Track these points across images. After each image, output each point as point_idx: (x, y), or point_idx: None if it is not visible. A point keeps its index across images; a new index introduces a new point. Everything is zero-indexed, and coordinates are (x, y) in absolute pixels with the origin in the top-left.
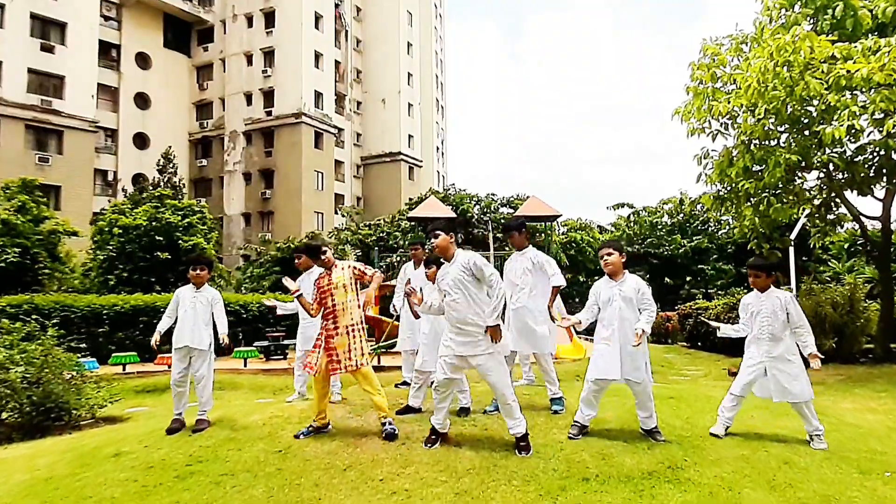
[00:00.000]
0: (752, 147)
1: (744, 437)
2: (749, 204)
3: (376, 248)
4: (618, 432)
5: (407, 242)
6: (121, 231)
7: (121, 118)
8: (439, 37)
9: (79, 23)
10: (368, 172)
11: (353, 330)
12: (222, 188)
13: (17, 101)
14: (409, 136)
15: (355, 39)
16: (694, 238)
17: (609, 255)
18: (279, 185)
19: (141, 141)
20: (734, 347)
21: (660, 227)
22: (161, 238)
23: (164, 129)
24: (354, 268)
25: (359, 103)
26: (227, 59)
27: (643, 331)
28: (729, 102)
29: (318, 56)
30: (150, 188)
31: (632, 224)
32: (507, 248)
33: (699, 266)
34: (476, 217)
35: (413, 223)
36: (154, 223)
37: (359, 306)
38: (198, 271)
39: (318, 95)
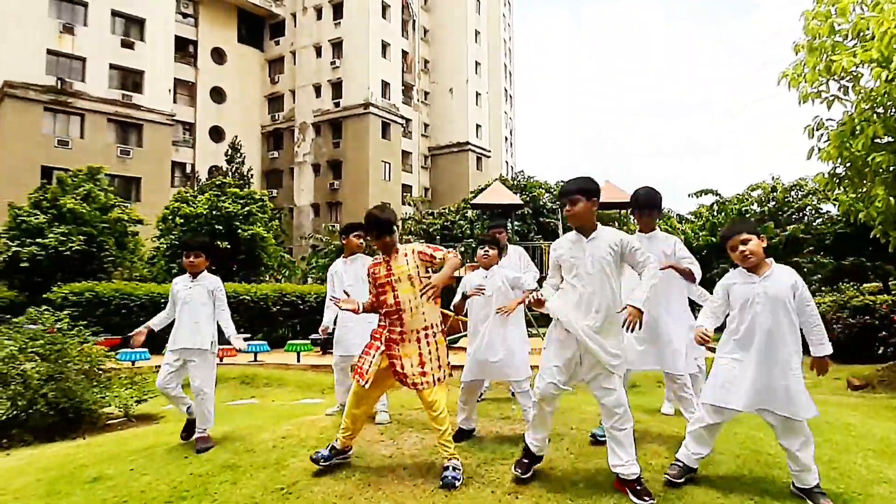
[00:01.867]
0: (886, 112)
1: None
2: (881, 181)
3: (438, 238)
4: (733, 481)
5: (474, 231)
6: (182, 220)
7: (198, 112)
8: (507, 25)
9: (156, 19)
10: (436, 163)
11: (427, 335)
12: (292, 179)
13: (100, 96)
14: (477, 126)
15: (423, 29)
16: (788, 227)
17: (745, 241)
18: (347, 175)
19: (217, 134)
20: (851, 352)
21: (748, 215)
22: (221, 227)
23: (238, 123)
24: (421, 252)
25: (426, 93)
26: (297, 51)
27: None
28: (855, 56)
29: (385, 46)
30: (220, 178)
31: (715, 213)
32: None
33: (794, 259)
34: (547, 206)
35: (478, 211)
36: (214, 212)
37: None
38: (192, 258)
39: (385, 86)
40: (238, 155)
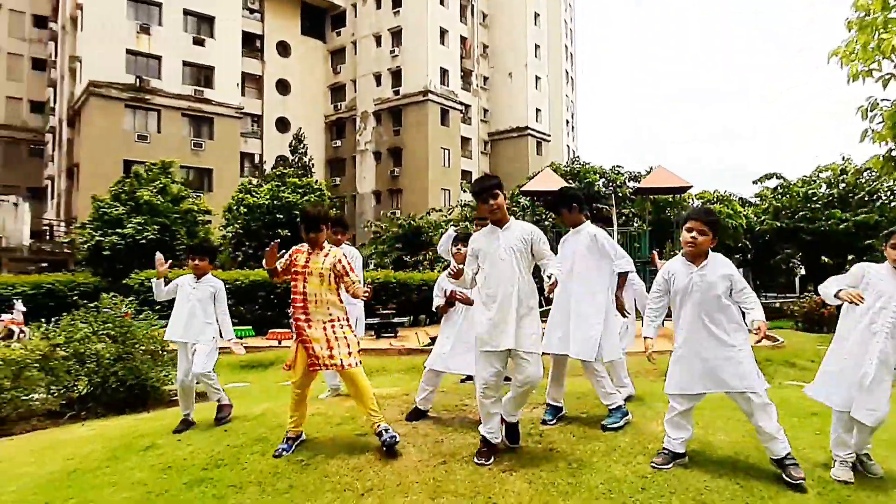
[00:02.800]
0: None
1: None
2: None
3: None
4: (726, 466)
5: (525, 219)
6: (246, 210)
7: (264, 104)
8: (569, 5)
9: (225, 16)
10: (496, 148)
11: (331, 325)
12: (355, 167)
13: (175, 92)
14: (537, 110)
15: (481, 14)
16: (859, 211)
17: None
18: (407, 163)
19: (282, 125)
20: None
21: (815, 198)
22: (281, 216)
23: (302, 113)
24: (340, 262)
25: (485, 79)
26: (357, 41)
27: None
28: None
29: (443, 33)
30: (283, 169)
31: (780, 196)
32: (633, 224)
33: (867, 242)
34: (602, 191)
35: (531, 198)
36: (275, 202)
37: (340, 300)
38: (196, 261)
39: (443, 73)
40: (301, 146)
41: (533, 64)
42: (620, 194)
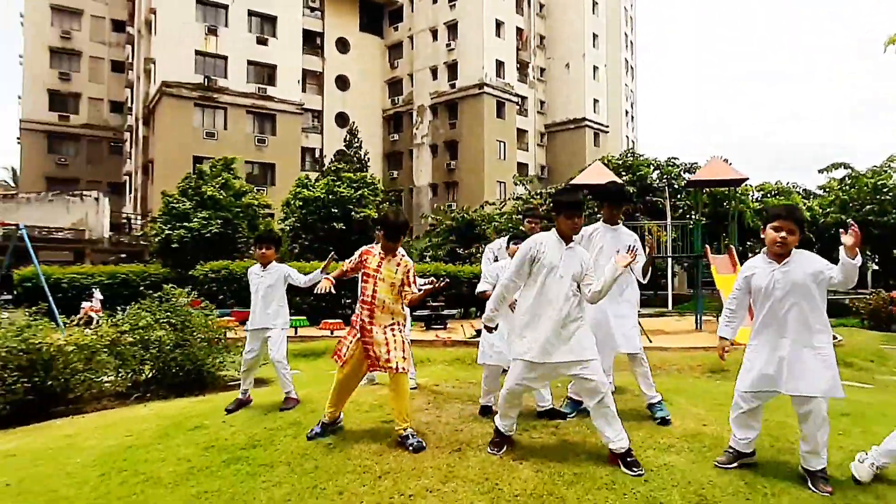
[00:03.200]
0: None
1: None
2: None
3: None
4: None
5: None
6: (301, 203)
7: (324, 100)
8: None
9: (286, 15)
10: (552, 140)
11: (392, 330)
12: (412, 160)
13: (240, 91)
14: (595, 101)
15: (538, 4)
16: None
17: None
18: (463, 155)
19: (342, 120)
20: None
21: (886, 190)
22: (336, 210)
23: (361, 108)
24: (410, 274)
25: (542, 70)
26: (414, 36)
27: None
28: None
29: (499, 25)
30: (339, 164)
31: (848, 188)
32: (687, 217)
33: None
34: (655, 184)
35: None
36: (330, 196)
37: (402, 308)
38: (262, 250)
39: (499, 65)
40: (356, 140)
41: (591, 54)
42: (675, 186)
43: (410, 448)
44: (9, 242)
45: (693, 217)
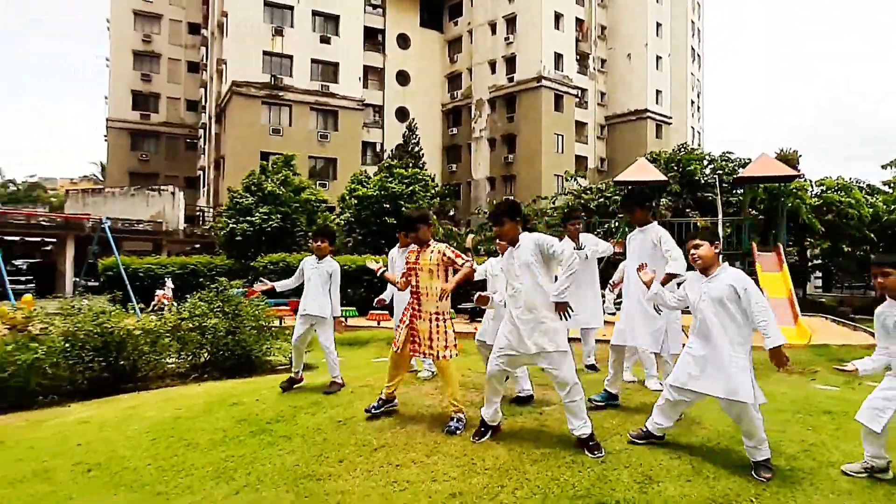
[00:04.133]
0: None
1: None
2: None
3: (595, 215)
4: (691, 449)
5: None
6: (356, 200)
7: (385, 95)
8: None
9: (349, 14)
10: (613, 132)
11: (437, 318)
12: (470, 154)
13: (304, 88)
14: (657, 92)
15: None
16: None
17: (696, 247)
18: (520, 149)
19: (402, 114)
20: None
21: None
22: (388, 205)
23: (421, 102)
24: (445, 255)
25: (603, 61)
26: (473, 30)
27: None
28: None
29: (558, 17)
30: (391, 160)
31: None
32: (741, 215)
33: None
34: (704, 180)
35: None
36: (383, 192)
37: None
38: (318, 243)
39: (557, 57)
40: (413, 136)
41: (654, 43)
42: (727, 182)
43: (446, 430)
44: (95, 234)
45: (753, 213)
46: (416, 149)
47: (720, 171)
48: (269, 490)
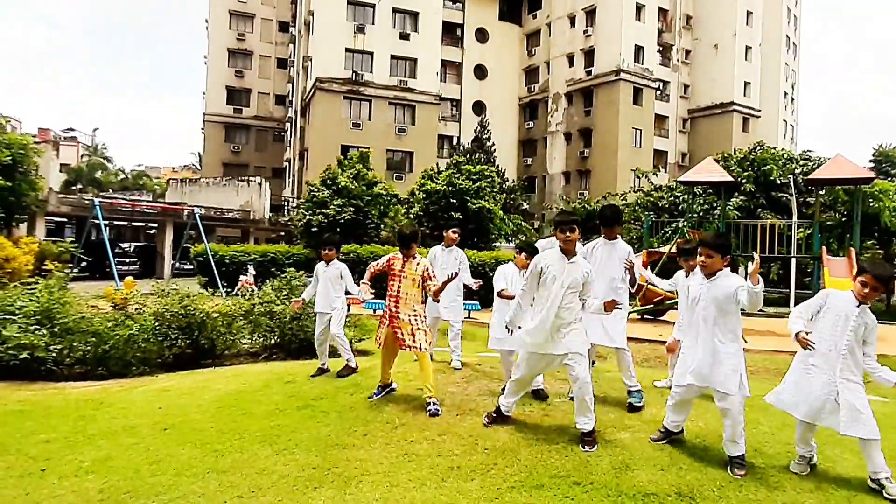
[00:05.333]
0: None
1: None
2: None
3: (665, 214)
4: (679, 444)
5: (694, 206)
6: (424, 195)
7: (463, 89)
8: None
9: (428, 10)
10: (696, 126)
11: (415, 318)
12: (545, 148)
13: (383, 83)
14: (745, 84)
15: None
16: None
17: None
18: (596, 143)
19: (479, 108)
20: None
21: None
22: (455, 200)
23: (498, 96)
24: (426, 270)
25: (687, 52)
26: (552, 23)
27: None
28: None
29: (639, 8)
30: (466, 153)
31: None
32: (823, 216)
33: None
34: (779, 180)
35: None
36: (450, 188)
37: (423, 301)
38: (325, 251)
39: (637, 50)
40: (485, 132)
41: (743, 33)
42: (803, 182)
43: (429, 413)
44: (189, 222)
45: (825, 215)
46: (489, 144)
47: (793, 173)
48: (303, 454)
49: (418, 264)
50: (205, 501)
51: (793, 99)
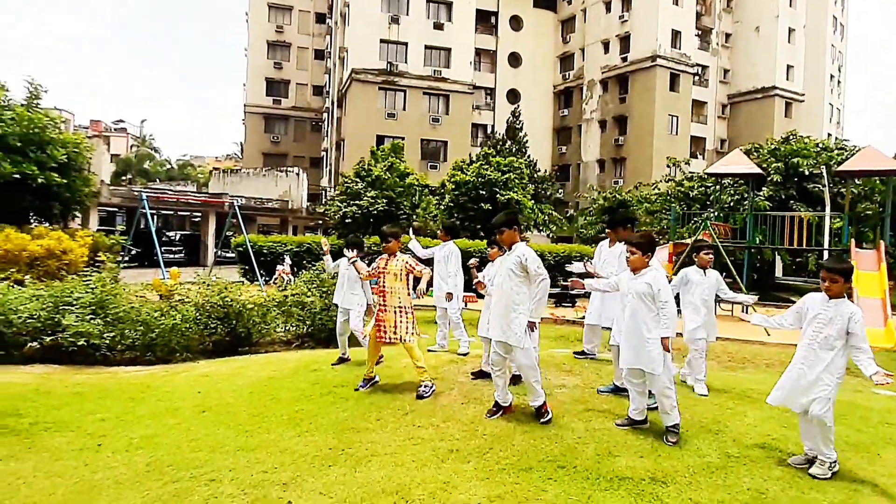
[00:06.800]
0: None
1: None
2: None
3: (696, 205)
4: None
5: (723, 197)
6: (454, 186)
7: (497, 77)
8: None
9: (462, 0)
10: (736, 111)
11: (400, 311)
12: (580, 136)
13: (417, 74)
14: (788, 67)
15: None
16: None
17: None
18: (632, 131)
19: (513, 96)
20: None
21: None
22: (484, 192)
23: (532, 84)
24: (408, 264)
25: (727, 35)
26: (587, 8)
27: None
28: None
29: None
30: (496, 144)
31: None
32: (854, 209)
33: None
34: (809, 171)
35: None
36: (479, 179)
37: (408, 294)
38: (348, 252)
39: (675, 35)
40: (517, 122)
41: (786, 14)
42: (831, 174)
43: (418, 395)
44: (230, 212)
45: (862, 205)
46: (521, 134)
47: (831, 162)
48: (322, 436)
49: (398, 261)
50: (234, 475)
51: (839, 82)
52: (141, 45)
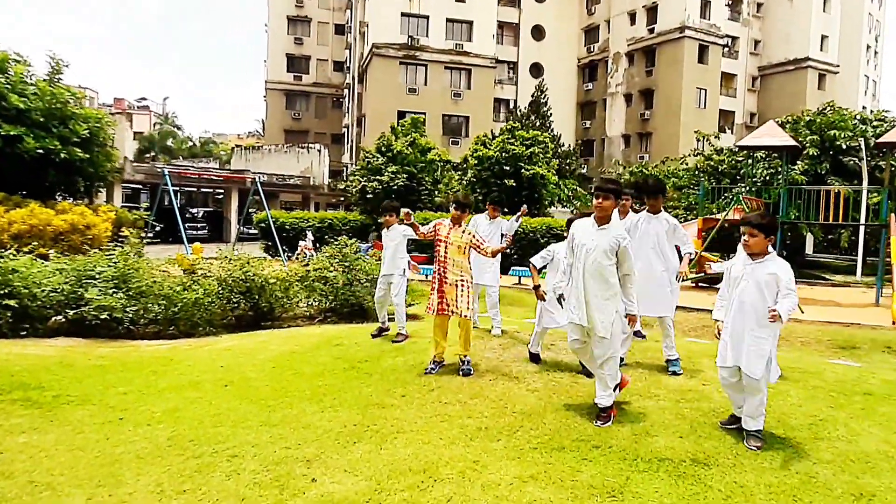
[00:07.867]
0: None
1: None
2: None
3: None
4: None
5: (755, 171)
6: (476, 161)
7: (520, 51)
8: None
9: None
10: (767, 84)
11: (461, 284)
12: (605, 110)
13: (439, 48)
14: (822, 37)
15: None
16: None
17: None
18: (658, 104)
19: (536, 70)
20: None
21: None
22: (508, 167)
23: (556, 58)
24: (474, 237)
25: (759, 5)
26: None
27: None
28: None
29: None
30: (521, 118)
31: None
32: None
33: None
34: (847, 144)
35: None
36: (503, 154)
37: (469, 267)
38: (386, 217)
39: (704, 4)
40: (542, 96)
41: None
42: (874, 146)
43: (461, 372)
44: (252, 188)
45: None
46: (545, 108)
47: (869, 134)
48: (345, 411)
49: (464, 232)
50: (257, 451)
51: (876, 52)
52: (141, 45)
